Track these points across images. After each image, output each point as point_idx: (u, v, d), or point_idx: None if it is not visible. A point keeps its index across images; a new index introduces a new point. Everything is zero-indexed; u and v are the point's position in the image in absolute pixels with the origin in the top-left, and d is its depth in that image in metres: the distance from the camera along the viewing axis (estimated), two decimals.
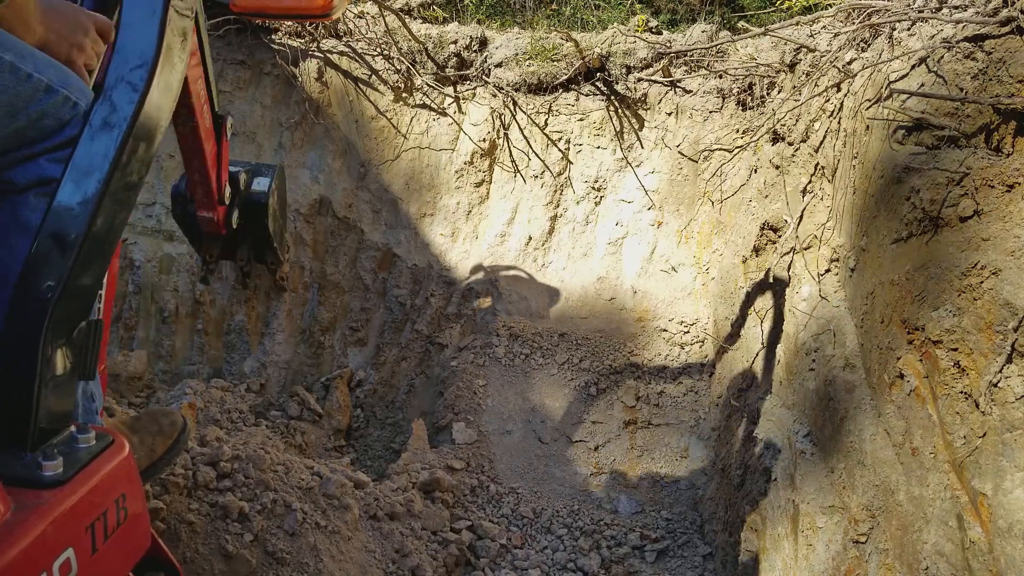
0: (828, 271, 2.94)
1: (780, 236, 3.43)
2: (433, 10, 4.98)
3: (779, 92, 4.10)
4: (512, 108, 4.59)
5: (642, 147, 4.55)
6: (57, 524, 0.90)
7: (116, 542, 1.02)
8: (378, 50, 4.60)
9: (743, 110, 4.29)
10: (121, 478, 1.05)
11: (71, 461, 0.97)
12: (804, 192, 3.41)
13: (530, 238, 4.63)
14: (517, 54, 4.61)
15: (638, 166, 4.55)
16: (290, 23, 4.60)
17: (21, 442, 0.96)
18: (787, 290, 3.19)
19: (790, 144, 3.65)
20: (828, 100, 3.37)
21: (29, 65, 1.25)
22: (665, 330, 4.26)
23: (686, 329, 4.23)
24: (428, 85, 4.60)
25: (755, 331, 3.44)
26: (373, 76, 4.63)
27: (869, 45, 3.15)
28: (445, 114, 4.68)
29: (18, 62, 1.23)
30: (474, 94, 4.66)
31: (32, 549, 0.85)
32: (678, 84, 4.41)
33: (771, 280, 3.31)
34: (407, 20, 4.59)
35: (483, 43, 4.70)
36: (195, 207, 3.04)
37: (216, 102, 3.10)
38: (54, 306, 0.95)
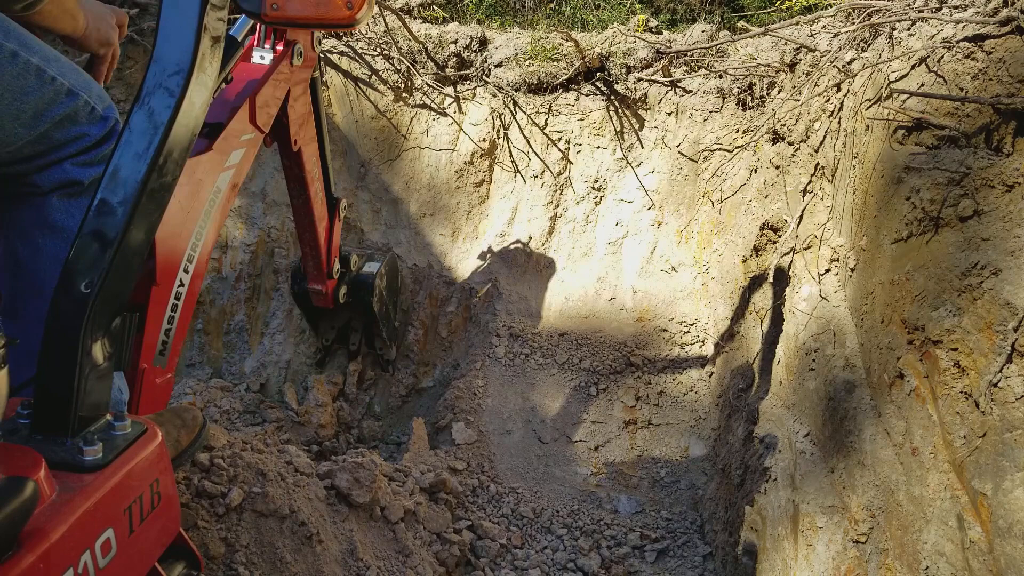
0: (828, 271, 2.94)
1: (780, 236, 3.43)
2: (433, 10, 4.98)
3: (779, 92, 4.10)
4: (512, 108, 4.59)
5: (642, 147, 4.55)
6: (98, 505, 0.97)
7: (150, 524, 1.09)
8: (378, 50, 4.60)
9: (743, 110, 4.29)
10: (155, 464, 1.12)
11: (109, 447, 1.04)
12: (804, 192, 3.41)
13: (530, 238, 4.63)
14: (517, 54, 4.61)
15: (638, 166, 4.55)
16: None
17: (63, 429, 1.03)
18: (787, 290, 3.19)
19: (790, 144, 3.65)
20: (828, 100, 3.37)
21: (53, 69, 1.24)
22: (665, 330, 4.26)
23: (686, 329, 4.23)
24: (428, 85, 4.59)
25: (755, 331, 3.44)
26: (373, 76, 4.63)
27: (869, 45, 3.15)
28: (445, 114, 4.68)
29: (43, 65, 1.23)
30: (474, 94, 4.66)
31: (77, 527, 0.92)
32: (678, 84, 4.41)
33: (771, 280, 3.31)
34: (407, 20, 4.59)
35: (483, 43, 4.70)
36: (307, 281, 3.16)
37: (332, 182, 3.22)
38: (94, 301, 1.01)
